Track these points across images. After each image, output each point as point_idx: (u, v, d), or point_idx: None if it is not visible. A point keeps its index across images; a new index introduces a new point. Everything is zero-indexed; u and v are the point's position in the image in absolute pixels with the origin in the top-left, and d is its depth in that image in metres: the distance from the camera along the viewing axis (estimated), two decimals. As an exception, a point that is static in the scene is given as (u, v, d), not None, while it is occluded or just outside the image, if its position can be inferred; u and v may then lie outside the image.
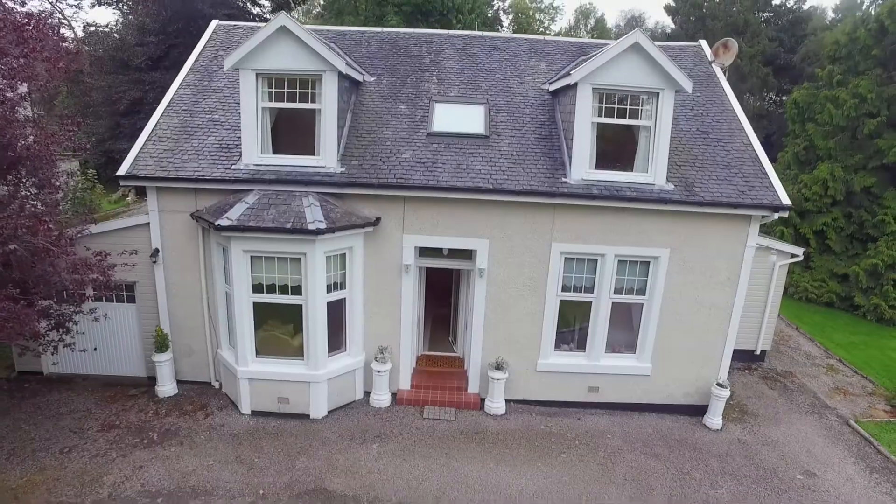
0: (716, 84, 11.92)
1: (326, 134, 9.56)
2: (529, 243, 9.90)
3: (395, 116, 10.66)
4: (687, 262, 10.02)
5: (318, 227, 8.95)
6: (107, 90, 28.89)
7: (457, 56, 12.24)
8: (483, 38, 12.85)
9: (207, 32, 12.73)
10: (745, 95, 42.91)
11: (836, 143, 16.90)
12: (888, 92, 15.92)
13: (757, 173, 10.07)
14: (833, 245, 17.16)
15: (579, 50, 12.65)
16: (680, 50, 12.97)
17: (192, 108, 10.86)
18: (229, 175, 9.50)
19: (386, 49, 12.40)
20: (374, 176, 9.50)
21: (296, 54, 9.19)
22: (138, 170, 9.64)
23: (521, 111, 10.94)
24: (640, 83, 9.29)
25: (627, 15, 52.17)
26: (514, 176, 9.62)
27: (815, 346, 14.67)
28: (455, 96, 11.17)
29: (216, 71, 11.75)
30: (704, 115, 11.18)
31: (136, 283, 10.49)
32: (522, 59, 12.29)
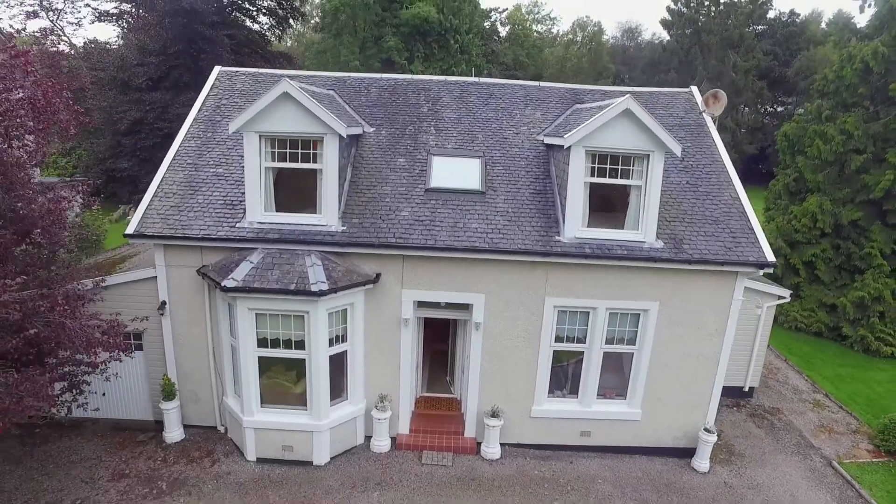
0: (706, 134, 12.30)
1: (328, 193, 9.91)
2: (524, 298, 10.27)
3: (394, 171, 11.01)
4: (675, 314, 10.40)
5: (321, 288, 9.31)
6: (107, 110, 29.15)
7: (454, 104, 12.59)
8: (479, 84, 13.20)
9: (211, 79, 13.04)
10: (742, 107, 43.42)
11: (825, 176, 17.30)
12: (874, 129, 16.32)
13: (744, 228, 10.45)
14: (822, 276, 17.57)
15: (573, 96, 13.01)
16: (671, 96, 13.33)
17: (196, 161, 11.19)
18: (234, 234, 9.84)
19: (385, 97, 12.75)
20: (374, 235, 9.86)
21: (298, 118, 9.53)
22: (146, 228, 9.97)
23: (517, 164, 11.30)
24: (631, 146, 9.66)
25: (624, 26, 52.64)
26: (509, 234, 9.98)
27: (802, 380, 15.09)
28: (452, 149, 11.53)
29: (219, 121, 12.07)
30: (694, 166, 11.56)
31: (144, 332, 10.83)
32: (518, 107, 12.64)
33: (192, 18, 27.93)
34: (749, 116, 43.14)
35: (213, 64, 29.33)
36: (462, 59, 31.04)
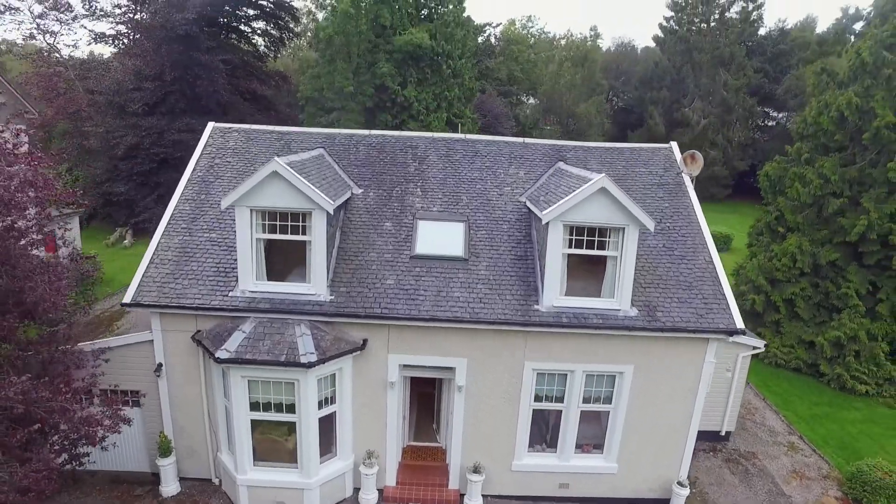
0: (683, 194, 12.77)
1: (316, 263, 10.35)
2: (504, 362, 10.74)
3: (380, 235, 11.46)
4: (650, 376, 10.88)
5: (310, 360, 9.76)
6: (104, 135, 29.46)
7: (440, 163, 13.04)
8: (465, 141, 13.65)
9: (204, 136, 13.46)
10: (733, 124, 43.93)
11: (804, 217, 17.80)
12: (850, 174, 16.82)
13: (716, 294, 10.93)
14: (801, 313, 18.08)
15: (556, 153, 13.47)
16: (652, 152, 13.80)
17: (190, 225, 11.61)
18: (227, 304, 10.28)
19: (373, 155, 13.18)
20: (360, 305, 10.31)
21: (287, 194, 9.96)
22: (142, 297, 10.40)
23: (500, 227, 11.76)
24: (606, 220, 10.11)
25: (618, 41, 53.09)
26: (490, 303, 10.44)
27: (779, 420, 15.60)
28: (437, 212, 11.98)
29: (212, 182, 12.50)
30: (671, 228, 12.03)
31: (141, 391, 11.27)
32: (503, 165, 13.10)
33: (188, 45, 28.27)
34: (740, 133, 43.66)
35: (209, 89, 29.91)
36: (455, 83, 31.45)
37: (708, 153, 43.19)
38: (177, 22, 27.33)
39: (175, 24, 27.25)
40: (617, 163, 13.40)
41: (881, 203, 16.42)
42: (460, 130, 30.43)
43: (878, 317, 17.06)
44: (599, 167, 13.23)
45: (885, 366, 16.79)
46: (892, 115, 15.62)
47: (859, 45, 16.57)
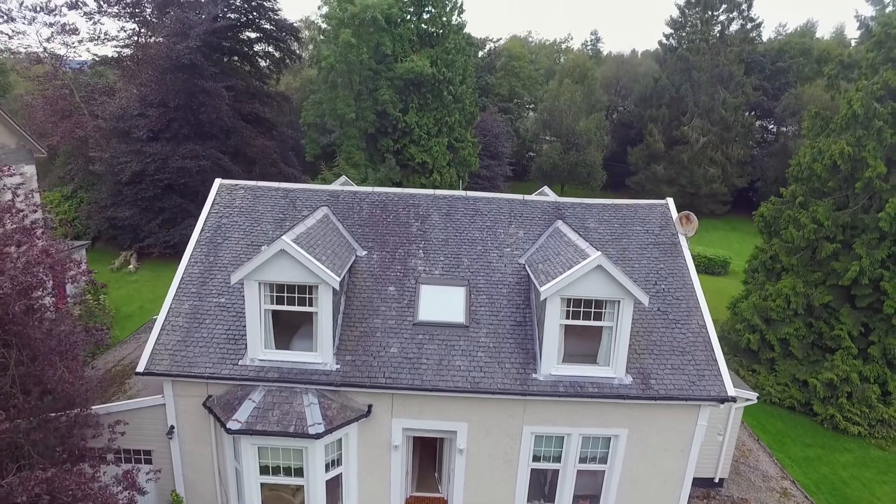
0: (679, 254, 13.14)
1: (323, 333, 10.75)
2: (504, 426, 11.13)
3: (384, 301, 11.84)
4: (643, 438, 11.27)
5: (318, 430, 10.16)
6: (109, 160, 29.80)
7: (441, 223, 13.41)
8: (466, 199, 14.02)
9: (211, 194, 13.82)
10: (733, 142, 44.24)
11: (798, 259, 18.17)
12: (842, 219, 17.19)
13: (708, 360, 11.31)
14: (795, 352, 18.45)
15: (555, 211, 13.84)
16: (648, 209, 14.16)
17: (199, 290, 11.99)
18: (237, 373, 10.68)
19: (377, 214, 13.56)
20: (365, 375, 10.70)
21: (294, 270, 10.34)
22: (155, 366, 10.79)
23: (499, 291, 12.14)
24: (602, 295, 10.50)
25: (619, 59, 53.36)
26: (490, 372, 10.83)
27: (772, 464, 15.98)
28: (439, 275, 12.36)
29: (221, 243, 12.88)
30: (666, 291, 12.41)
31: (153, 450, 11.68)
32: (502, 224, 13.47)
33: (192, 73, 28.62)
34: (739, 150, 43.96)
35: (212, 116, 30.27)
36: (456, 107, 31.78)
37: (707, 170, 43.52)
38: (181, 51, 27.67)
39: (179, 54, 27.59)
40: (614, 220, 13.77)
41: (873, 248, 16.78)
42: (460, 183, 30.71)
43: (871, 359, 17.43)
44: (597, 225, 13.61)
45: (877, 407, 17.17)
46: (882, 165, 15.98)
47: (851, 95, 16.92)
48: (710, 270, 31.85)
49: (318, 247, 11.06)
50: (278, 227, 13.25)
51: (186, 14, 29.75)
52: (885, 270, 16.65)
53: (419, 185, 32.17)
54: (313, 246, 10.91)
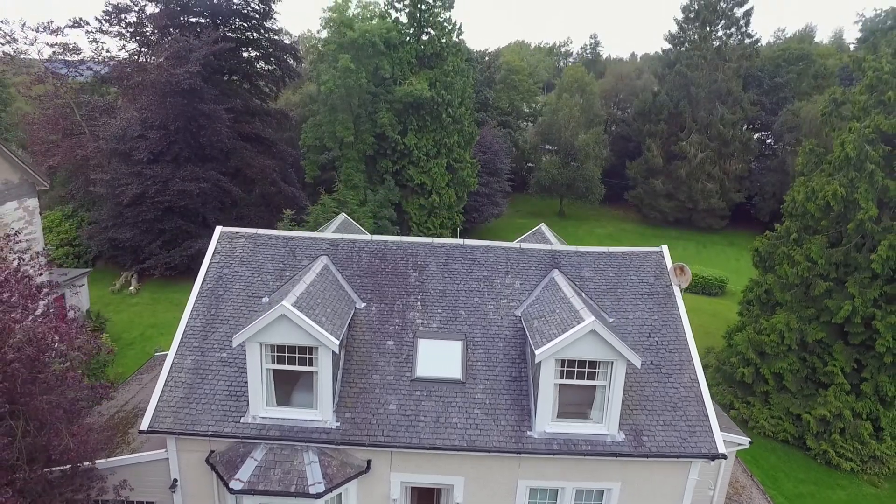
0: (672, 304, 13.34)
1: (323, 392, 10.99)
2: (499, 480, 11.37)
3: (383, 355, 12.07)
4: (636, 491, 11.50)
5: (318, 490, 10.40)
6: (110, 182, 30.01)
7: (439, 273, 13.63)
8: (464, 248, 14.23)
9: (212, 245, 14.02)
10: (731, 157, 44.46)
11: (792, 296, 18.41)
12: (835, 257, 17.42)
13: (699, 415, 11.54)
14: (789, 385, 18.69)
15: (551, 260, 14.05)
16: (643, 257, 14.37)
17: (202, 344, 12.22)
18: (239, 431, 10.91)
19: (375, 264, 13.77)
20: (365, 433, 10.94)
21: (295, 333, 10.57)
22: (158, 423, 11.03)
23: (496, 345, 12.37)
24: (596, 356, 10.73)
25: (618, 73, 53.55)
26: (486, 430, 11.07)
27: (765, 501, 16.21)
28: (436, 328, 12.58)
29: (222, 294, 13.11)
30: (659, 344, 12.63)
31: (156, 502, 11.92)
32: (499, 275, 13.69)
33: (192, 97, 28.82)
34: (737, 165, 44.18)
35: (212, 139, 30.45)
36: (455, 129, 31.97)
37: (705, 185, 43.73)
38: (180, 76, 27.86)
39: (179, 79, 27.79)
40: (609, 269, 13.99)
41: (865, 287, 17.02)
42: (457, 232, 30.79)
43: (863, 395, 17.68)
44: (593, 275, 13.83)
45: (869, 444, 17.41)
46: (874, 208, 16.21)
47: (843, 137, 17.14)
48: (706, 291, 32.10)
49: (317, 307, 11.29)
50: (279, 277, 13.48)
51: (186, 37, 29.95)
52: (876, 309, 16.88)
53: (418, 206, 32.41)
54: (313, 306, 11.14)
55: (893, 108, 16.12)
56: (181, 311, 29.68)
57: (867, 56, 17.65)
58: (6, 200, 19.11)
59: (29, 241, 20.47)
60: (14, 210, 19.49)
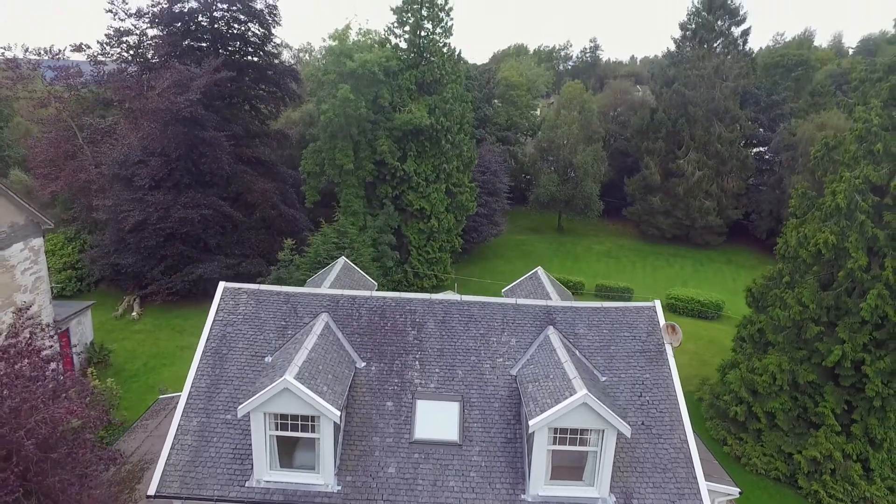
0: (664, 362, 13.68)
1: (324, 457, 11.37)
2: (496, 542, 11.76)
3: (382, 416, 12.44)
4: (629, 552, 11.89)
5: (318, 557, 10.78)
6: (112, 208, 30.35)
7: (437, 332, 13.98)
8: (461, 304, 14.58)
9: (215, 301, 14.38)
10: (729, 175, 44.82)
11: (784, 337, 18.77)
12: (826, 301, 17.78)
13: (688, 477, 11.90)
14: (781, 424, 19.05)
15: (546, 316, 14.40)
16: (636, 312, 14.71)
17: (207, 405, 12.59)
18: (244, 496, 11.29)
19: (375, 321, 14.13)
20: (365, 497, 11.32)
21: (297, 404, 10.94)
22: (165, 488, 11.41)
23: (492, 406, 12.74)
24: (588, 426, 11.10)
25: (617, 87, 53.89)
26: (481, 493, 11.45)
27: (756, 544, 16.62)
28: (434, 388, 12.95)
29: (226, 354, 13.47)
30: (650, 403, 12.98)
31: (162, 559, 12.30)
32: (495, 332, 14.04)
33: (192, 125, 29.14)
34: (734, 183, 44.52)
35: (213, 166, 30.76)
36: (454, 154, 32.31)
37: (703, 203, 44.08)
38: (181, 104, 28.16)
39: (180, 108, 28.10)
40: (602, 325, 14.34)
41: (855, 332, 17.37)
42: (455, 287, 31.13)
43: (853, 436, 18.04)
44: (587, 332, 14.18)
45: (859, 485, 17.77)
46: (864, 257, 16.57)
47: (834, 186, 17.48)
48: (703, 315, 32.45)
49: (319, 374, 11.65)
50: (281, 335, 13.84)
51: (188, 65, 30.26)
52: (866, 354, 17.24)
53: (417, 231, 32.74)
54: (315, 375, 11.50)
55: (882, 159, 16.47)
56: (183, 339, 30.23)
57: (858, 107, 17.99)
58: (12, 242, 19.46)
59: (36, 278, 20.93)
60: (20, 251, 19.84)
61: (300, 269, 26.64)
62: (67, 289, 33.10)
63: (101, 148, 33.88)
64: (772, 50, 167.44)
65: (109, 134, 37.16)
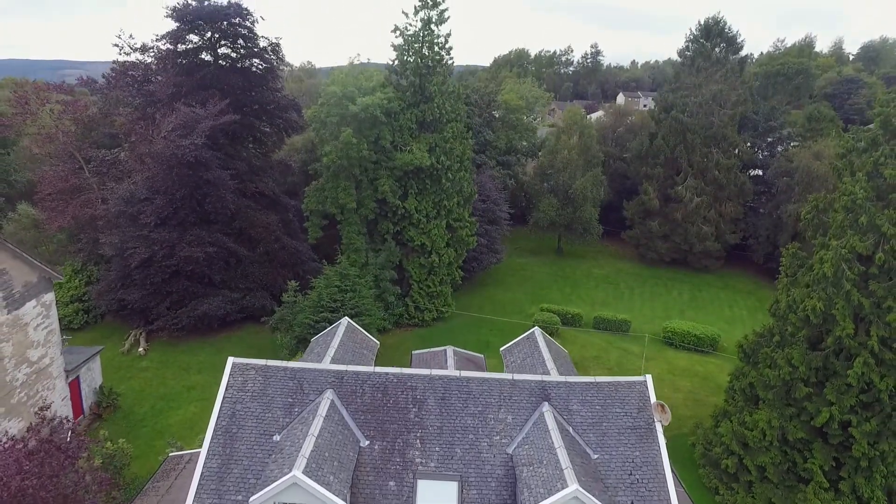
0: (654, 440, 14.25)
1: (330, 544, 11.99)
2: None
3: (385, 496, 13.06)
4: None
5: None
6: (118, 245, 30.91)
7: (437, 409, 14.56)
8: (460, 380, 15.16)
9: (225, 376, 14.97)
10: (726, 201, 45.30)
11: (774, 394, 19.32)
12: (815, 362, 18.33)
13: (676, 560, 12.52)
14: (771, 477, 19.60)
15: (542, 392, 14.96)
16: (628, 387, 15.28)
17: (219, 486, 13.17)
18: (252, 583, 11.91)
19: (378, 398, 14.72)
20: (367, 585, 11.95)
21: (305, 496, 11.56)
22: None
23: (488, 485, 13.32)
24: (579, 514, 11.71)
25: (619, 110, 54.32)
26: (479, 580, 12.08)
27: None
28: (434, 467, 13.55)
29: (236, 432, 14.06)
30: (640, 482, 13.56)
31: None
32: (492, 409, 14.62)
33: (197, 168, 29.69)
34: (732, 208, 44.98)
35: (217, 205, 31.31)
36: (454, 191, 32.86)
37: (700, 228, 44.54)
38: (186, 149, 28.70)
39: (185, 152, 28.64)
40: (595, 401, 14.91)
41: (842, 394, 17.92)
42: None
43: (841, 493, 18.58)
44: (580, 408, 14.74)
45: (846, 541, 18.34)
46: (851, 325, 17.12)
47: (822, 254, 18.02)
48: (698, 349, 32.97)
49: (325, 463, 12.26)
50: (288, 412, 14.42)
51: (193, 107, 30.80)
52: (853, 416, 17.79)
53: (418, 266, 33.33)
54: (321, 465, 12.11)
55: (867, 231, 16.99)
56: (189, 377, 30.71)
57: (845, 179, 18.50)
58: (26, 301, 20.09)
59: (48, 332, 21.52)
60: (33, 308, 20.47)
61: (303, 311, 27.27)
62: (74, 322, 33.73)
63: (106, 180, 34.44)
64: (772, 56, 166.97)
65: (115, 165, 37.83)
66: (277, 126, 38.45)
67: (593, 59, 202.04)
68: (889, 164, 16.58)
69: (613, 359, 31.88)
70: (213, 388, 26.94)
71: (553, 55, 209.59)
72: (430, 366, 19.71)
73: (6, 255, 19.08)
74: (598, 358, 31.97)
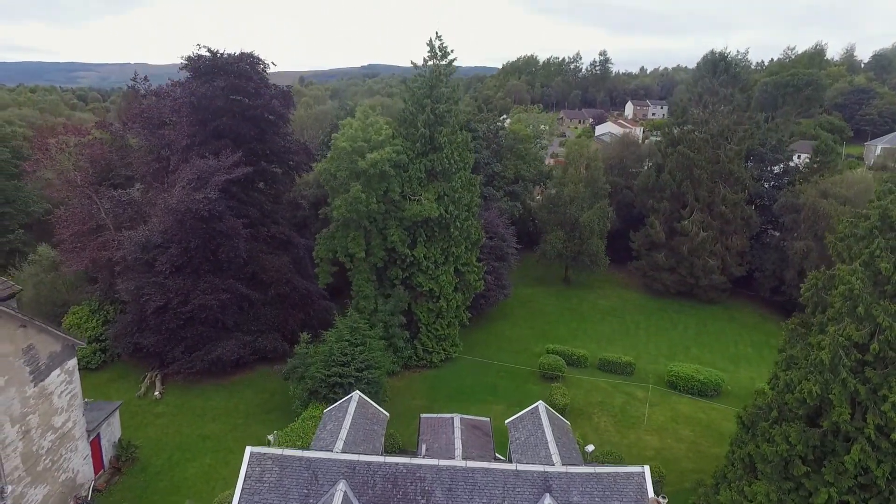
0: (651, 536, 14.88)
1: None
2: None
3: None
4: None
5: None
6: (134, 291, 31.80)
7: (444, 501, 15.23)
8: (465, 470, 15.83)
9: (244, 468, 15.73)
10: (732, 235, 45.61)
11: (772, 468, 19.74)
12: (813, 440, 18.74)
13: None
14: (771, 548, 20.06)
15: (544, 483, 15.59)
16: (626, 477, 15.89)
17: (236, 582, 13.95)
18: None
19: (388, 490, 15.40)
20: None
21: None
22: None
23: (493, 584, 13.99)
24: None
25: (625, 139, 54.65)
26: None
27: None
28: (441, 565, 14.23)
29: (253, 523, 14.81)
30: (638, 580, 14.16)
31: None
32: (497, 500, 15.26)
33: (210, 220, 30.49)
34: (738, 242, 45.25)
35: (230, 254, 32.14)
36: (462, 238, 33.48)
37: (707, 262, 44.86)
38: (199, 203, 29.46)
39: (198, 206, 29.41)
40: (595, 493, 15.53)
41: (840, 474, 18.31)
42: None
43: (840, 568, 18.99)
44: (580, 499, 15.37)
45: None
46: (847, 411, 17.52)
47: (820, 338, 18.42)
48: (702, 393, 33.33)
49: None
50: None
51: (206, 157, 31.59)
52: (851, 496, 18.19)
53: (426, 310, 34.02)
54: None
55: (864, 320, 17.38)
56: (204, 425, 31.55)
57: (841, 266, 18.87)
58: (51, 371, 20.96)
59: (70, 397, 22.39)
60: (57, 377, 21.34)
61: (315, 364, 27.98)
62: (92, 363, 34.71)
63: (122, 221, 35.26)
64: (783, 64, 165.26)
65: (130, 206, 38.77)
66: (288, 166, 39.30)
67: (602, 67, 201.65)
68: (884, 258, 16.96)
69: (618, 404, 32.33)
70: (228, 438, 28.29)
71: (562, 62, 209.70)
72: (437, 431, 20.50)
73: (33, 331, 19.94)
74: (602, 403, 32.43)
